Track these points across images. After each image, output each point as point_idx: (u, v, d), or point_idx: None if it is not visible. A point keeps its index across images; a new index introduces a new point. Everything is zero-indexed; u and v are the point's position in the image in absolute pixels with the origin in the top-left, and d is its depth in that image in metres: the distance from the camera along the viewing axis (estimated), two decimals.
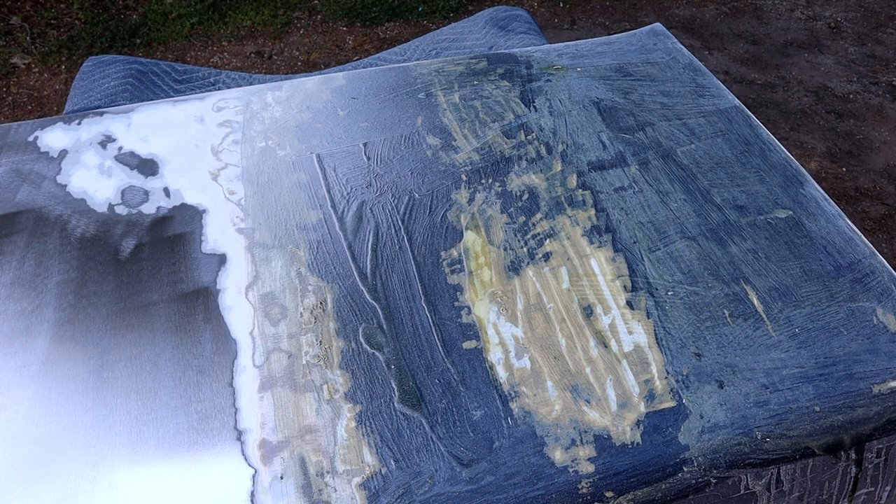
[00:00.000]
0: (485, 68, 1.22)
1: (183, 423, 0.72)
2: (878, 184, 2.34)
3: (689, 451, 0.69)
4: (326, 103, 1.15)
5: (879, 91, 2.73)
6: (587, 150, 1.04)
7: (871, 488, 0.73)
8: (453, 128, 1.09)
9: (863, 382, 0.74)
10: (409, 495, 0.66)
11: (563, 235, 0.91)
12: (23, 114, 2.66)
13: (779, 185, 0.98)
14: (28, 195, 0.98)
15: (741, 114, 1.11)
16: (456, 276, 0.86)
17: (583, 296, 0.83)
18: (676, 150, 1.04)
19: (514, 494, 0.66)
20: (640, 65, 1.22)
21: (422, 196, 0.97)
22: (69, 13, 3.14)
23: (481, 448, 0.70)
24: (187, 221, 0.94)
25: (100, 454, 0.70)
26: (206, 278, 0.86)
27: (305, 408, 0.73)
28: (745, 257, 0.88)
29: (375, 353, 0.78)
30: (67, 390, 0.75)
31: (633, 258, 0.88)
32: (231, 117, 1.12)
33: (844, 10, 3.26)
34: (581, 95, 1.15)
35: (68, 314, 0.83)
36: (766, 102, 2.68)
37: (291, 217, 0.94)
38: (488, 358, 0.77)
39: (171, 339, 0.80)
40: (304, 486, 0.67)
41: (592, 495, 0.66)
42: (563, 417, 0.72)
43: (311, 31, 3.14)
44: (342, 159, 1.03)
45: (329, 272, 0.87)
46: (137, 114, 1.13)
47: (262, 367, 0.77)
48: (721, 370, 0.75)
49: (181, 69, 1.53)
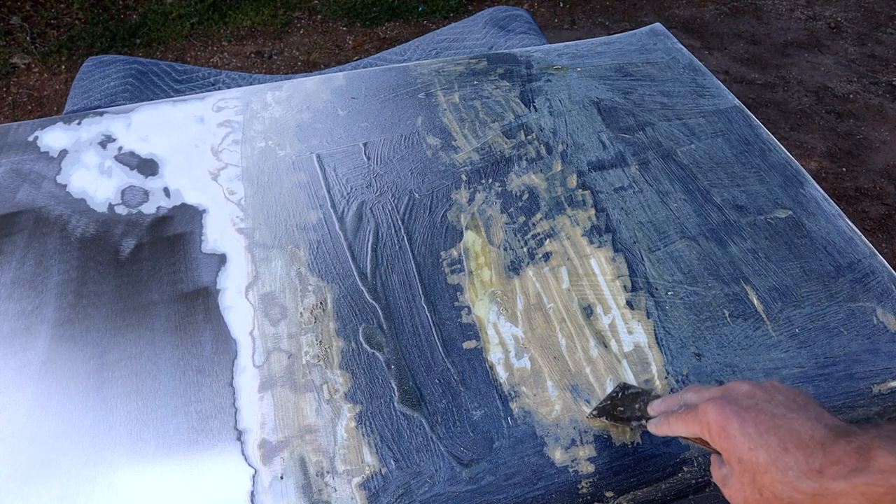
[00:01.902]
0: (485, 68, 1.22)
1: (183, 422, 0.72)
2: (878, 184, 2.34)
3: (688, 451, 0.69)
4: (326, 103, 1.15)
5: (879, 91, 2.73)
6: (587, 150, 1.04)
7: None
8: (453, 128, 1.09)
9: (863, 382, 0.74)
10: (409, 495, 0.66)
11: (563, 235, 0.91)
12: (23, 114, 2.66)
13: (779, 185, 0.98)
14: (28, 195, 0.98)
15: (741, 114, 1.11)
16: (456, 275, 0.86)
17: (583, 296, 0.83)
18: (676, 150, 1.04)
19: (514, 494, 0.66)
20: (640, 65, 1.22)
21: (422, 196, 0.97)
22: (69, 13, 3.14)
23: (481, 448, 0.70)
24: (187, 221, 0.94)
25: (100, 454, 0.70)
26: (206, 278, 0.86)
27: (305, 408, 0.73)
28: (745, 257, 0.88)
29: (375, 352, 0.78)
30: (67, 390, 0.75)
31: (633, 258, 0.88)
32: (231, 117, 1.12)
33: (844, 10, 3.26)
34: (581, 95, 1.15)
35: (68, 314, 0.83)
36: (766, 102, 2.68)
37: (291, 217, 0.94)
38: (488, 358, 0.77)
39: (171, 339, 0.80)
40: (304, 486, 0.67)
41: (592, 495, 0.66)
42: (563, 417, 0.72)
43: (311, 31, 3.14)
44: (342, 159, 1.03)
45: (329, 272, 0.87)
46: (137, 114, 1.13)
47: (262, 367, 0.77)
48: (721, 370, 0.75)
49: (181, 69, 1.53)
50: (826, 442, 0.46)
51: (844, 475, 0.44)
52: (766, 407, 0.51)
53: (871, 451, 0.44)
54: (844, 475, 0.44)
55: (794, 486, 0.46)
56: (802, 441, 0.47)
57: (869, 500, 0.43)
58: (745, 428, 0.50)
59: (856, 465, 0.44)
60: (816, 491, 0.45)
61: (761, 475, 0.49)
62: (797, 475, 0.46)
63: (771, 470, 0.48)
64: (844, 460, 0.45)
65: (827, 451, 0.46)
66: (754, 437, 0.49)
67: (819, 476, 0.45)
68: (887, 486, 0.42)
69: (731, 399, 0.53)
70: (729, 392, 0.55)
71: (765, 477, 0.48)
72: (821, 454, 0.46)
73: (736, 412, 0.51)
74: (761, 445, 0.49)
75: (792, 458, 0.47)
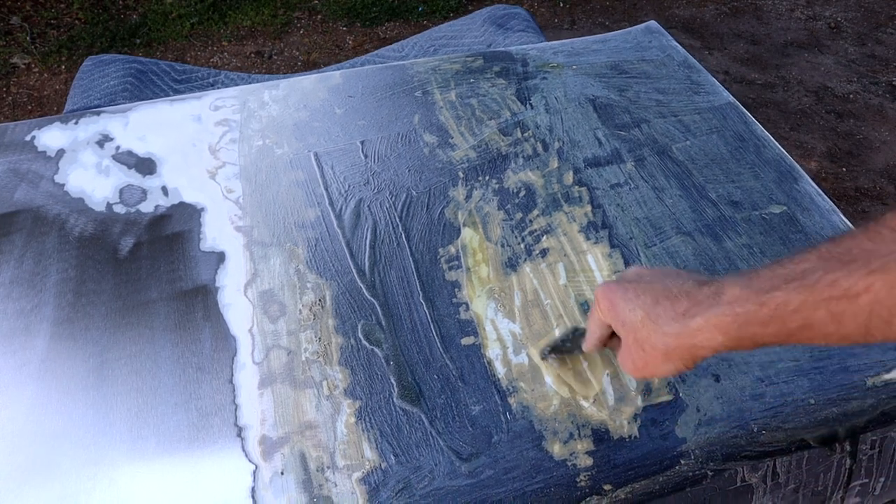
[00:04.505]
0: (481, 66, 1.23)
1: (183, 420, 0.72)
2: (878, 184, 2.34)
3: (686, 443, 0.70)
4: (323, 101, 1.16)
5: (879, 91, 2.73)
6: (583, 147, 1.04)
7: (865, 480, 0.74)
8: (450, 125, 1.09)
9: (857, 375, 0.74)
10: (408, 490, 0.66)
11: (559, 232, 0.91)
12: (23, 114, 2.66)
13: (773, 181, 0.98)
14: (26, 194, 0.99)
15: (736, 110, 1.11)
16: (454, 272, 0.86)
17: (580, 292, 0.84)
18: (672, 147, 1.04)
19: (513, 488, 0.66)
20: (636, 62, 1.23)
21: (419, 193, 0.97)
22: (69, 13, 3.14)
23: (480, 442, 0.70)
24: (186, 220, 0.95)
25: (100, 452, 0.70)
26: (205, 276, 0.87)
27: (305, 404, 0.73)
28: (741, 252, 0.88)
29: (374, 349, 0.78)
30: (67, 389, 0.75)
31: (629, 254, 0.88)
32: (228, 116, 1.12)
33: (844, 10, 3.26)
34: (577, 93, 1.15)
35: (67, 313, 0.83)
36: (766, 102, 2.69)
37: (289, 215, 0.95)
38: (486, 354, 0.78)
39: (170, 337, 0.80)
40: (305, 482, 0.67)
41: (591, 488, 0.67)
42: (562, 412, 0.72)
43: (311, 31, 3.14)
44: (340, 157, 1.04)
45: (327, 269, 0.87)
46: (135, 113, 1.14)
47: (261, 363, 0.77)
48: (717, 364, 0.76)
49: (181, 69, 1.53)
50: (691, 290, 0.51)
51: (701, 312, 0.48)
52: (647, 279, 0.56)
53: (723, 288, 0.48)
54: (701, 312, 0.48)
55: (663, 332, 0.51)
56: (671, 293, 0.52)
57: (720, 330, 0.47)
58: (626, 294, 0.56)
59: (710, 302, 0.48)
60: (680, 330, 0.50)
61: (640, 331, 0.53)
62: (666, 321, 0.51)
63: (646, 323, 0.53)
64: (702, 301, 0.49)
65: (691, 296, 0.50)
66: (632, 300, 0.55)
67: (682, 318, 0.50)
68: (733, 315, 0.46)
69: (619, 280, 0.59)
70: (620, 276, 0.61)
71: (642, 331, 0.53)
72: (685, 300, 0.51)
73: (619, 285, 0.57)
74: (638, 305, 0.54)
75: (661, 308, 0.52)
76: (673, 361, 0.52)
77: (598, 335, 0.64)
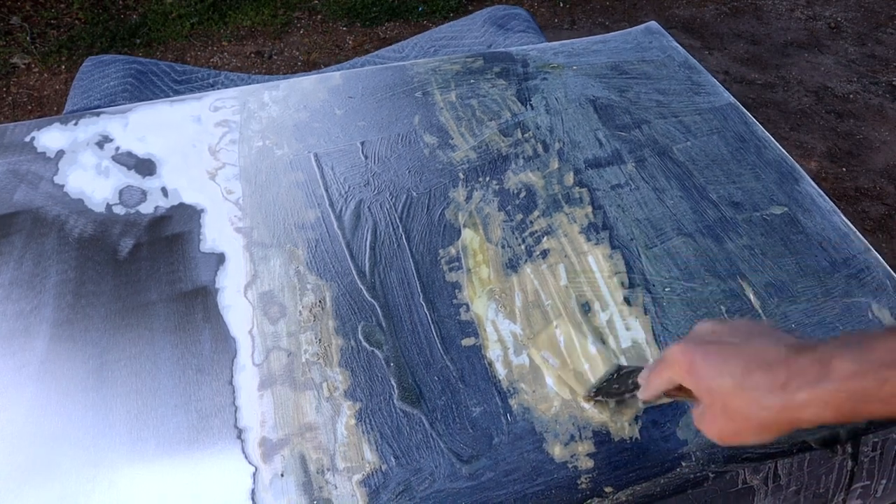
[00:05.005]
0: (481, 67, 1.22)
1: (183, 421, 0.72)
2: (878, 184, 2.34)
3: (687, 445, 0.69)
4: (323, 102, 1.15)
5: (879, 91, 2.73)
6: (584, 148, 1.04)
7: (866, 482, 0.74)
8: (450, 126, 1.09)
9: None
10: (409, 492, 0.66)
11: (560, 233, 0.91)
12: (23, 114, 2.66)
13: (774, 182, 0.98)
14: (25, 196, 0.99)
15: (736, 111, 1.11)
16: (454, 273, 0.86)
17: (580, 292, 0.83)
18: (672, 148, 1.04)
19: (513, 490, 0.66)
20: (636, 63, 1.23)
21: (419, 194, 0.97)
22: (69, 13, 3.14)
23: (481, 444, 0.70)
24: (185, 221, 0.94)
25: (100, 453, 0.70)
26: (205, 277, 0.87)
27: (305, 405, 0.73)
28: (742, 253, 0.88)
29: (374, 350, 0.78)
30: (67, 390, 0.75)
31: (630, 255, 0.88)
32: (228, 117, 1.12)
33: (844, 10, 3.26)
34: (577, 93, 1.15)
35: (67, 314, 0.83)
36: (766, 102, 2.69)
37: (289, 216, 0.94)
38: (487, 355, 0.78)
39: (170, 339, 0.80)
40: (305, 484, 0.67)
41: (592, 490, 0.66)
42: (562, 413, 0.72)
43: (311, 31, 3.14)
44: (340, 158, 1.04)
45: (328, 270, 0.87)
46: (134, 114, 1.13)
47: (261, 365, 0.77)
48: None
49: (181, 69, 1.53)
50: (788, 358, 0.47)
51: (807, 386, 0.45)
52: (728, 339, 0.52)
53: (831, 361, 0.45)
54: (807, 386, 0.45)
55: (760, 405, 0.47)
56: (765, 361, 0.48)
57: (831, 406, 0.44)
58: (708, 359, 0.51)
59: (817, 375, 0.45)
60: (782, 405, 0.46)
61: (729, 400, 0.49)
62: (763, 393, 0.47)
63: (738, 393, 0.49)
64: (806, 372, 0.46)
65: (790, 366, 0.47)
66: (718, 366, 0.50)
67: (783, 391, 0.46)
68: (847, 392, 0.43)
69: (694, 338, 0.55)
70: (693, 333, 0.56)
71: (733, 401, 0.49)
72: (784, 370, 0.47)
73: (699, 346, 0.52)
74: (726, 372, 0.49)
75: (756, 378, 0.48)
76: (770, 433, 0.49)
77: (661, 390, 0.58)
